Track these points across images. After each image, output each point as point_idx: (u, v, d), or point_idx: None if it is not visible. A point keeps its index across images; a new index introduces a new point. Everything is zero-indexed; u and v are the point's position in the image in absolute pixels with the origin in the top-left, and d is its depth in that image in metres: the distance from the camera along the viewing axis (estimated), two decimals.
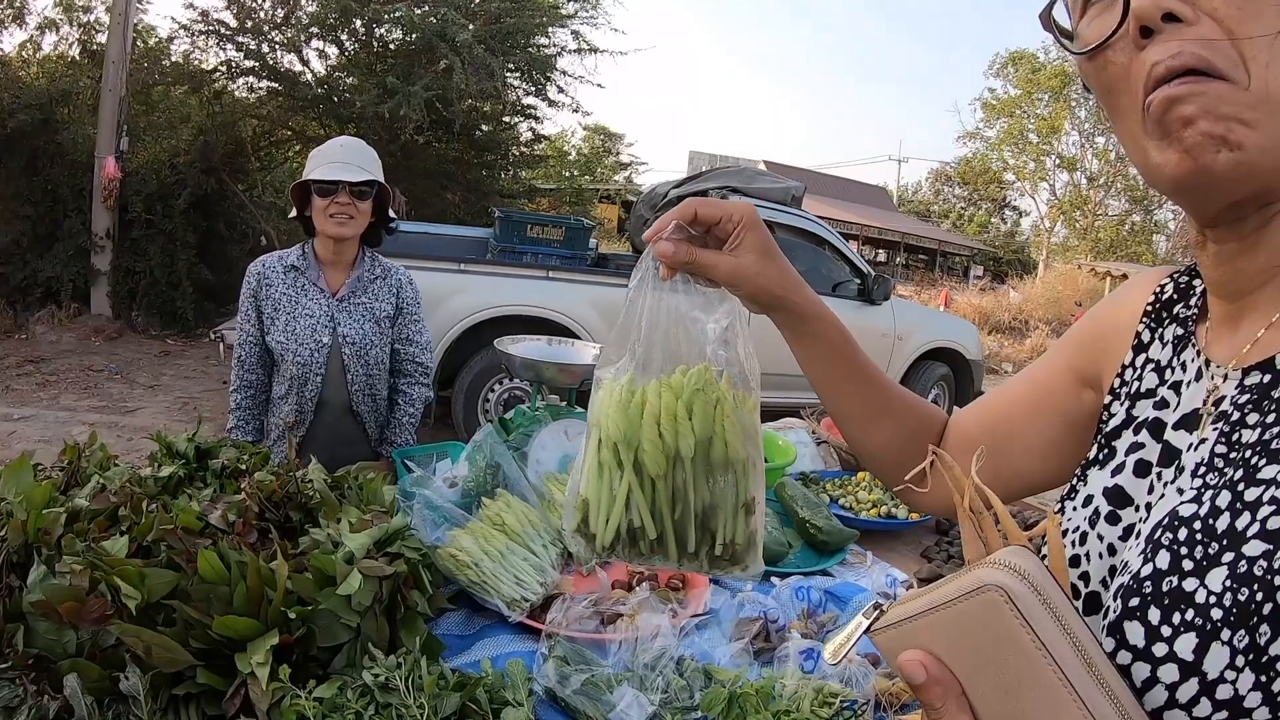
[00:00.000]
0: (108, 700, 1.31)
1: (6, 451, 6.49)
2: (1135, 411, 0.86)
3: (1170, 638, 0.63)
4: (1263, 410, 0.68)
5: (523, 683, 1.49)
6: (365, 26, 12.93)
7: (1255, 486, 0.64)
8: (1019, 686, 0.60)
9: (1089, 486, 0.86)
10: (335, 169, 2.85)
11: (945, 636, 0.63)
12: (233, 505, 1.69)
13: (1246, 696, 0.59)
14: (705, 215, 1.00)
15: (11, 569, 1.46)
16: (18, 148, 11.70)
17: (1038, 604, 0.58)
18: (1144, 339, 0.90)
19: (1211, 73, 0.63)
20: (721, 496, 1.01)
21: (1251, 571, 0.60)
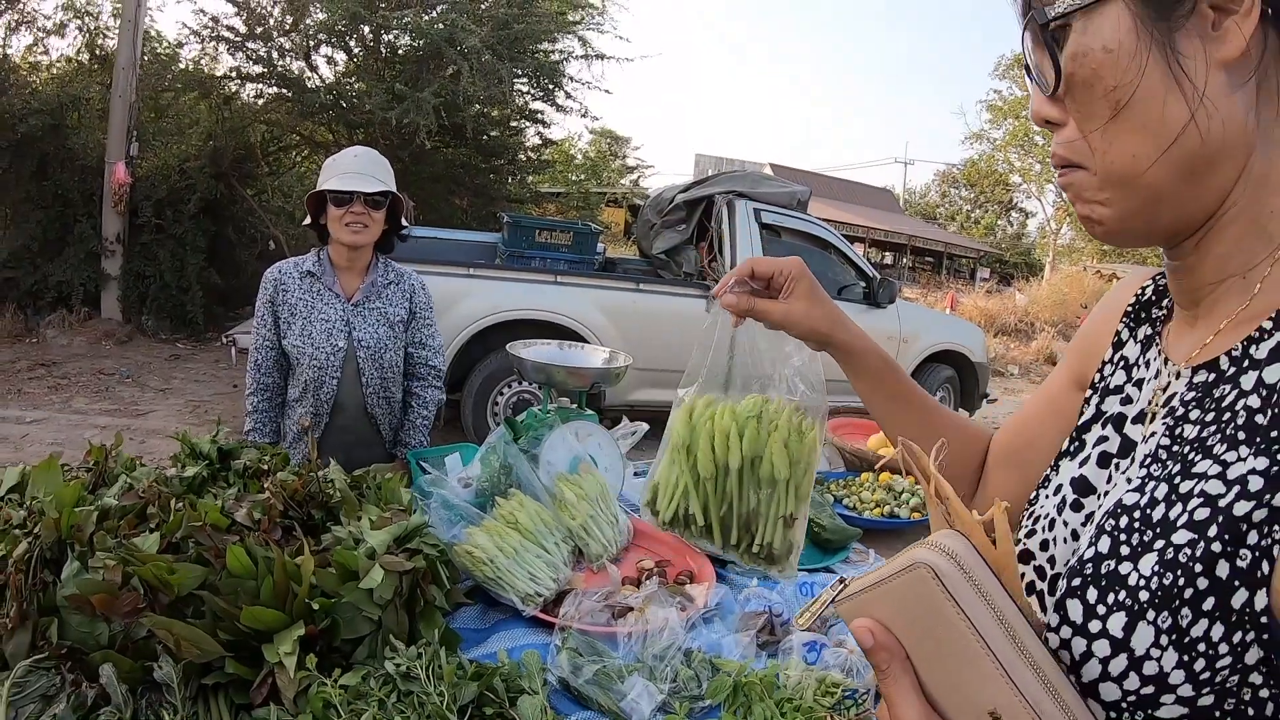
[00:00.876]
0: (140, 689, 1.37)
1: (20, 454, 6.55)
2: (1104, 406, 0.92)
3: (1104, 616, 0.69)
4: (1204, 407, 0.74)
5: (538, 673, 1.55)
6: (374, 32, 12.97)
7: (1189, 480, 0.70)
8: (949, 654, 0.67)
9: (1059, 476, 0.92)
10: (350, 179, 2.91)
11: (889, 607, 0.70)
12: (257, 504, 1.75)
13: (1171, 673, 0.65)
14: (761, 271, 1.21)
15: (45, 565, 1.52)
16: (28, 153, 11.74)
17: (963, 581, 0.65)
18: (1122, 337, 0.96)
19: (1074, 165, 0.77)
20: (765, 506, 1.23)
21: (1177, 559, 0.66)
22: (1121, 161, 0.74)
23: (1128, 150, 0.73)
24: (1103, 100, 0.73)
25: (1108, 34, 0.72)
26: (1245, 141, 0.72)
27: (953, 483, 1.00)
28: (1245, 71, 0.70)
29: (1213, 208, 0.75)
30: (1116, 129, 0.73)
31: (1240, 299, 0.76)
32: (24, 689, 1.30)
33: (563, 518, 2.16)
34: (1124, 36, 0.71)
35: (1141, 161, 0.73)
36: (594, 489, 2.26)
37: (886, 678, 0.70)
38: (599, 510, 2.21)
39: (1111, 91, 0.72)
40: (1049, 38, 0.75)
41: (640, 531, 2.36)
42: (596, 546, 2.14)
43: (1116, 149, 0.73)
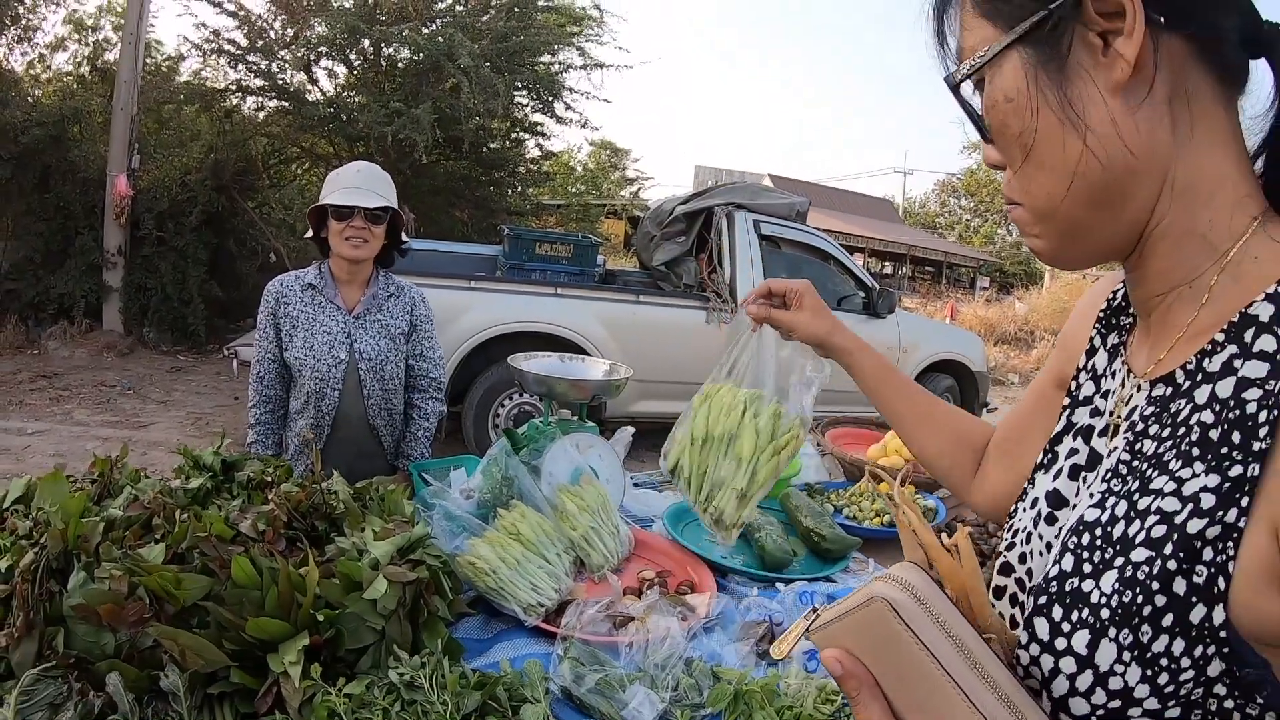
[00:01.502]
0: (146, 699, 1.38)
1: (21, 465, 6.56)
2: (1074, 418, 0.94)
3: (1069, 633, 0.72)
4: (1162, 422, 0.76)
5: (540, 682, 1.56)
6: (374, 46, 13.01)
7: (1147, 496, 0.72)
8: (913, 681, 0.70)
9: (1035, 489, 0.94)
10: (352, 194, 2.93)
11: (854, 638, 0.74)
12: (262, 515, 1.76)
13: (1136, 688, 0.67)
14: (777, 289, 1.54)
15: (51, 575, 1.53)
16: (30, 165, 11.78)
17: (920, 612, 0.70)
18: (1094, 344, 0.97)
19: (1014, 202, 0.84)
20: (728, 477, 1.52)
21: (1136, 576, 0.68)
22: (1040, 198, 0.79)
23: (1043, 188, 0.78)
24: (1015, 145, 0.79)
25: (1008, 84, 0.77)
26: (1158, 156, 0.74)
27: (953, 474, 1.34)
28: (1141, 90, 0.73)
29: (1141, 225, 0.78)
30: (1030, 170, 0.78)
31: (1190, 309, 0.78)
32: (32, 697, 1.31)
33: (564, 528, 2.17)
34: (1019, 84, 0.76)
35: (1055, 198, 0.77)
36: (595, 500, 2.27)
37: (858, 704, 0.73)
38: (600, 521, 2.22)
39: (1018, 136, 0.78)
40: (959, 96, 0.82)
41: (641, 542, 2.37)
42: (598, 557, 2.15)
43: (1035, 187, 0.79)
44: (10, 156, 11.45)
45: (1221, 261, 0.75)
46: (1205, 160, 0.75)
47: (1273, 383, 0.67)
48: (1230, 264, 0.75)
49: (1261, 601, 0.64)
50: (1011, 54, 0.76)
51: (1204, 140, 0.74)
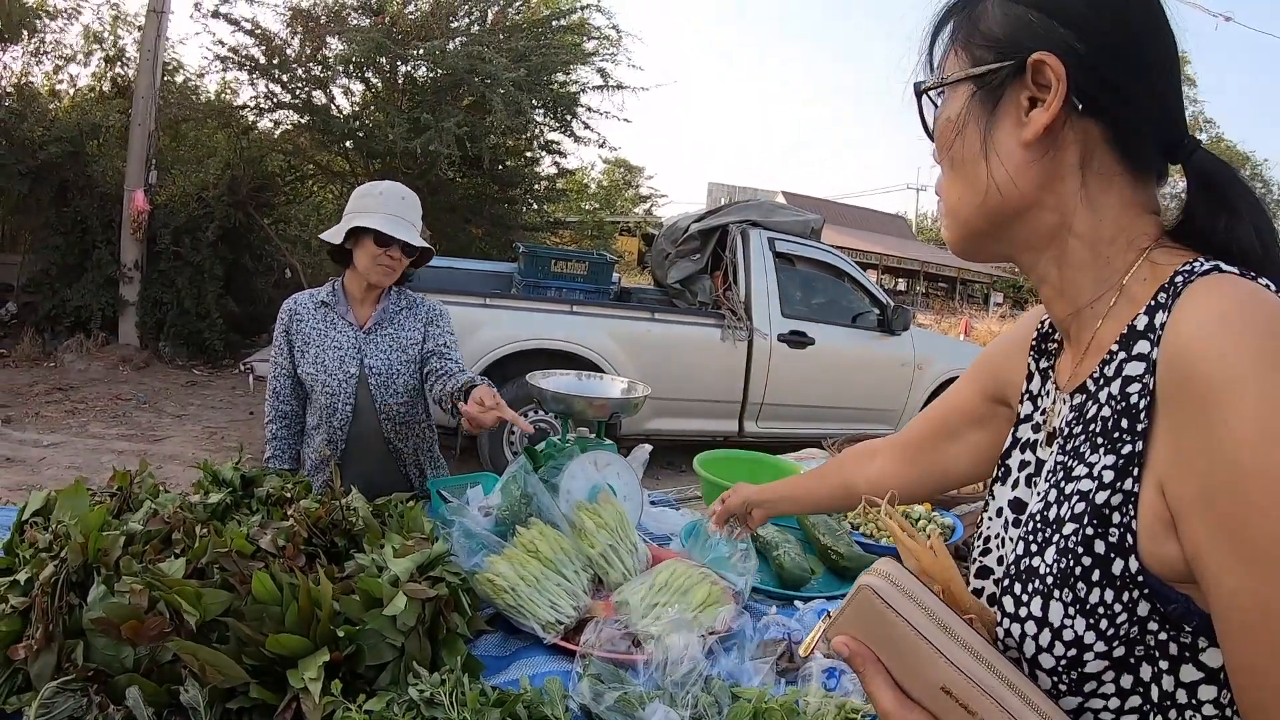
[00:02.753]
0: (165, 713, 1.38)
1: (37, 477, 6.58)
2: (1019, 434, 1.09)
3: (1028, 602, 0.87)
4: (1078, 425, 0.91)
5: (560, 699, 1.55)
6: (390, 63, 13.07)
7: (1070, 483, 0.87)
8: (902, 650, 0.85)
9: (997, 500, 1.09)
10: (398, 225, 2.93)
11: (854, 624, 0.88)
12: (281, 531, 1.76)
13: (1084, 635, 0.82)
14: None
15: (71, 588, 1.54)
16: (48, 179, 11.87)
17: (894, 591, 0.85)
18: (1031, 369, 1.12)
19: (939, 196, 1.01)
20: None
21: (1067, 545, 0.84)
22: (953, 202, 0.98)
23: (955, 195, 0.97)
24: (946, 155, 0.97)
25: (953, 108, 0.95)
26: (1055, 201, 0.92)
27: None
28: (1046, 150, 0.90)
29: (1034, 247, 0.96)
30: (951, 177, 0.97)
31: (1091, 328, 0.94)
32: (51, 710, 1.31)
33: (582, 546, 2.16)
34: (960, 111, 0.94)
35: (963, 205, 0.96)
36: (613, 518, 2.26)
37: (865, 677, 0.87)
38: (618, 539, 2.21)
39: (949, 150, 0.96)
40: (920, 102, 1.00)
41: (658, 559, 2.36)
42: (616, 575, 2.14)
43: (951, 192, 0.98)
44: (28, 170, 11.53)
45: (1118, 287, 0.91)
46: (1106, 213, 0.91)
47: (1147, 377, 0.82)
48: (1125, 288, 0.90)
49: (1161, 547, 0.78)
50: (965, 86, 0.94)
51: (1107, 200, 0.91)
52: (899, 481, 1.50)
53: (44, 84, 14.11)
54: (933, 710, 0.84)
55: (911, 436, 1.50)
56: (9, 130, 11.55)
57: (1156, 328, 0.83)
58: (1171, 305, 0.82)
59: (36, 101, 13.00)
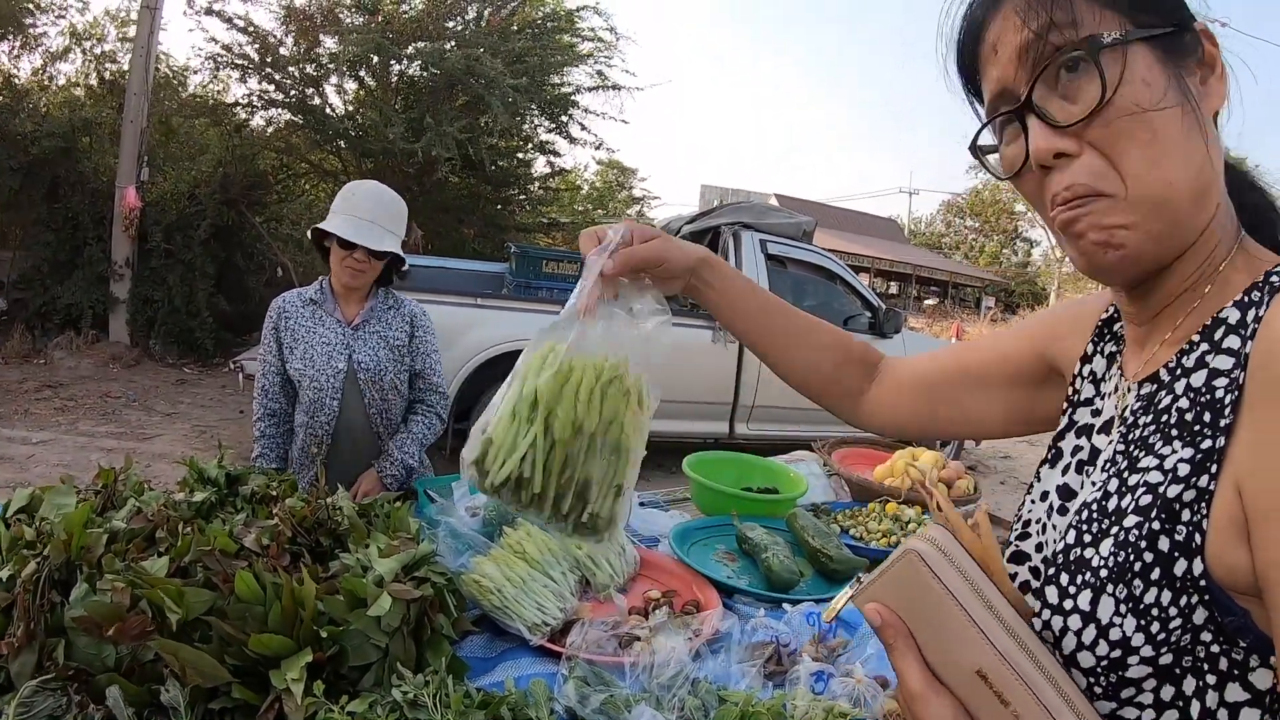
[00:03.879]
0: (146, 712, 1.37)
1: (25, 474, 6.56)
2: (1076, 417, 1.04)
3: (1074, 595, 0.82)
4: (1149, 413, 0.86)
5: (545, 702, 1.54)
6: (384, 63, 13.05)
7: (1135, 474, 0.82)
8: (939, 625, 0.81)
9: (1043, 484, 1.03)
10: (360, 228, 2.96)
11: (891, 592, 0.84)
12: (266, 530, 1.75)
13: (1132, 637, 0.76)
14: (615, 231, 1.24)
15: (53, 585, 1.52)
16: (40, 175, 11.84)
17: (944, 560, 0.81)
18: (1088, 352, 1.07)
19: (1097, 194, 0.81)
20: (602, 474, 1.17)
21: (1128, 539, 0.79)
22: (1157, 185, 0.79)
23: (1163, 175, 0.79)
24: (1140, 124, 0.79)
25: (1142, 68, 0.80)
26: (1218, 183, 0.84)
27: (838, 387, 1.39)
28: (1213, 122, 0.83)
29: (1197, 235, 0.85)
30: (1153, 155, 0.79)
31: (1178, 316, 0.88)
32: (31, 709, 1.30)
33: (569, 548, 2.16)
34: (1155, 73, 0.80)
35: (1175, 186, 0.80)
36: None
37: (894, 651, 0.84)
38: (629, 500, 2.21)
39: (1148, 121, 0.79)
40: (1095, 58, 0.79)
41: (647, 562, 2.36)
42: (603, 576, 2.14)
43: (1153, 174, 0.79)
44: (19, 166, 11.50)
45: (1214, 275, 0.86)
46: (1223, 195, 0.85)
47: (1236, 372, 0.77)
48: (1221, 276, 0.85)
49: (1231, 552, 0.73)
50: (1143, 46, 0.80)
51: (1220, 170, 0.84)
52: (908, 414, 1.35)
53: (32, 80, 14.05)
54: (962, 696, 0.81)
55: (933, 371, 1.34)
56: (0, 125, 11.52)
57: (1249, 323, 0.79)
58: (1268, 301, 0.78)
59: (27, 97, 12.97)
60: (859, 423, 1.41)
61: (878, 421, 1.39)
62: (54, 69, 14.34)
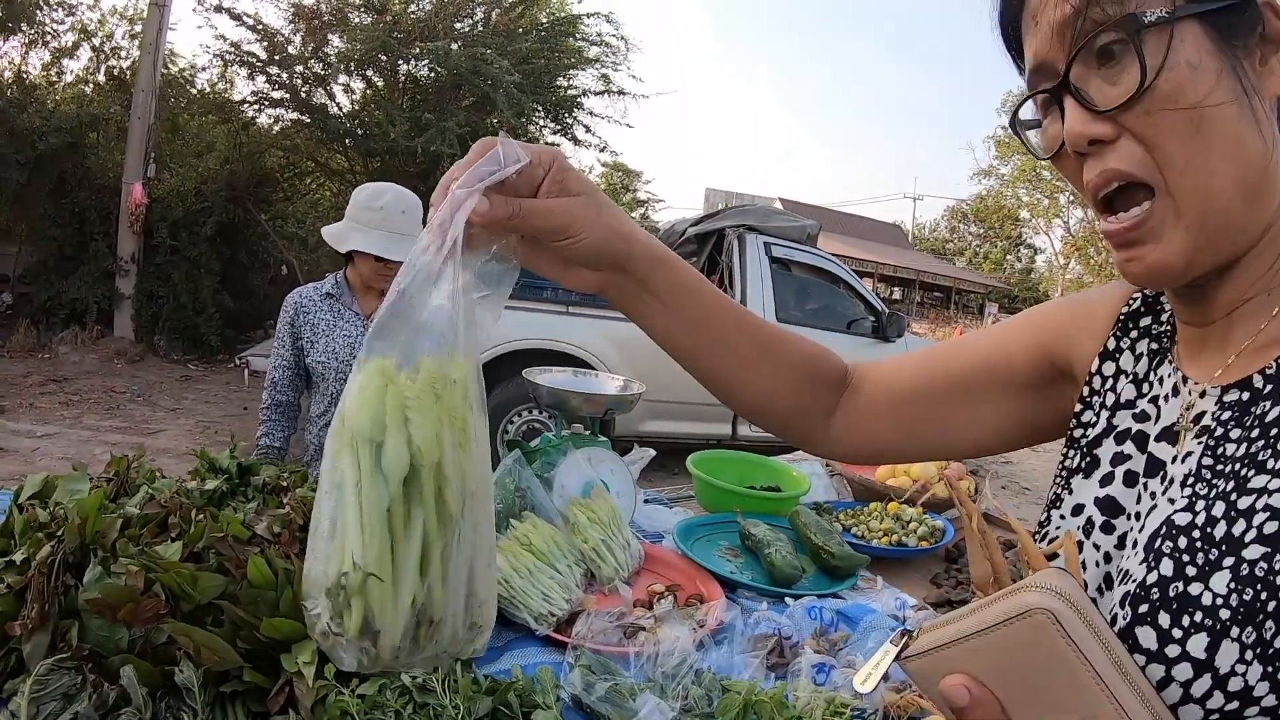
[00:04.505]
0: (159, 694, 1.39)
1: (30, 467, 6.59)
2: (1115, 421, 0.92)
3: (1181, 639, 0.69)
4: (1244, 425, 0.76)
5: (551, 688, 1.56)
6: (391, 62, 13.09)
7: (1247, 496, 0.71)
8: (1058, 699, 0.66)
9: (1076, 496, 0.92)
10: (396, 243, 3.08)
11: (987, 660, 0.68)
12: (278, 518, 1.77)
13: (1255, 686, 0.65)
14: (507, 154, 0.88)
15: (67, 569, 1.55)
16: (47, 170, 11.92)
17: (1080, 623, 0.65)
18: (1110, 347, 0.97)
19: (1134, 182, 0.75)
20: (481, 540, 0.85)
21: (1254, 573, 0.67)
22: (1200, 181, 0.73)
23: (1207, 167, 0.73)
24: (1184, 115, 0.72)
25: (1190, 51, 0.72)
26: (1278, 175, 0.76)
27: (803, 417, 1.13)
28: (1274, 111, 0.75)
29: (1258, 235, 0.78)
30: (1197, 144, 0.73)
31: (1259, 318, 0.80)
32: (46, 686, 1.32)
33: (575, 540, 2.18)
34: (1205, 56, 0.72)
35: (1218, 182, 0.73)
36: (606, 513, 2.28)
37: None
38: (611, 534, 2.23)
39: (1193, 107, 0.72)
40: (1139, 43, 0.72)
41: (651, 556, 2.38)
42: (608, 569, 2.16)
43: (1196, 168, 0.73)
44: (26, 161, 11.58)
45: None
46: None
47: None
48: None
49: None
50: (1193, 24, 0.72)
51: None
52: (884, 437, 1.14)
53: (40, 76, 14.11)
54: None
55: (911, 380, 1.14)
56: (7, 120, 11.58)
57: None
58: None
59: (35, 92, 13.02)
60: (826, 451, 1.20)
61: (848, 447, 1.17)
62: (62, 65, 14.41)
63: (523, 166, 0.86)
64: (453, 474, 0.76)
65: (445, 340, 0.78)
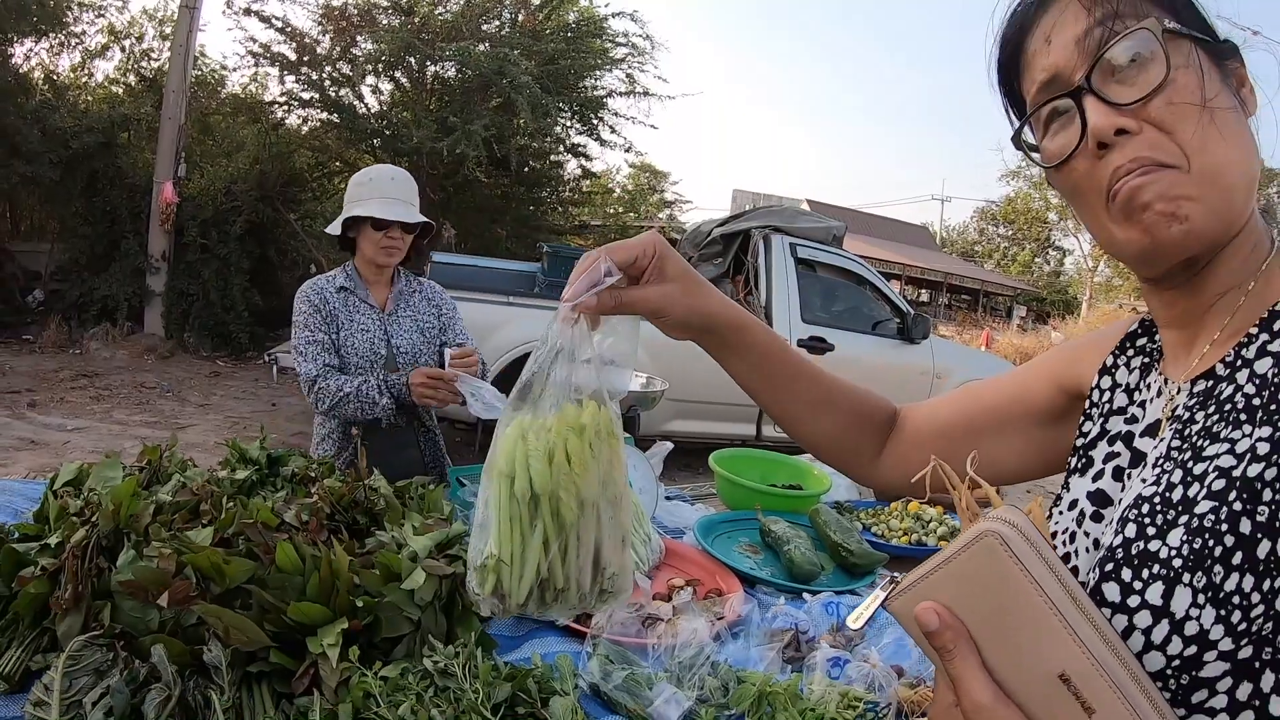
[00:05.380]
0: (188, 672, 1.43)
1: (60, 459, 6.64)
2: (1108, 426, 1.01)
3: (1141, 590, 0.75)
4: (1207, 407, 0.84)
5: (570, 676, 1.59)
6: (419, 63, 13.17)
7: (1201, 462, 0.79)
8: (1015, 624, 0.71)
9: (1072, 493, 0.99)
10: (391, 206, 3.12)
11: (953, 587, 0.73)
12: (305, 506, 1.82)
13: (1211, 629, 0.71)
14: (622, 259, 1.04)
15: (101, 552, 1.59)
16: (79, 169, 12.05)
17: (1026, 545, 0.70)
18: (1108, 364, 1.05)
19: (1161, 164, 0.81)
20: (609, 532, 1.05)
21: (1203, 525, 0.74)
22: (1217, 159, 0.80)
23: (1220, 153, 0.80)
24: (1196, 108, 0.81)
25: (1193, 57, 0.82)
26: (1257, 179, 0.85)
27: (855, 456, 1.28)
28: None
29: (1239, 228, 0.85)
30: (1211, 134, 0.80)
31: (1225, 315, 0.88)
32: (79, 662, 1.36)
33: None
34: (1210, 68, 0.82)
35: (1232, 163, 0.81)
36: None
37: (954, 658, 0.73)
38: (632, 529, 2.26)
39: (1206, 103, 0.81)
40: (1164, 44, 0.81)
41: (672, 551, 2.41)
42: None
43: (1212, 150, 0.80)
44: (59, 160, 11.71)
45: (1257, 273, 0.87)
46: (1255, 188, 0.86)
47: None
48: (1263, 275, 0.86)
49: None
50: (1187, 43, 0.82)
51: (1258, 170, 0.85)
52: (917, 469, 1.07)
53: (70, 77, 14.29)
54: (1033, 706, 0.71)
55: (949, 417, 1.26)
56: (40, 120, 11.73)
57: None
58: None
59: (67, 93, 13.19)
60: (874, 484, 1.31)
61: (894, 480, 1.27)
62: (93, 66, 14.60)
63: (617, 279, 1.03)
64: (566, 495, 1.00)
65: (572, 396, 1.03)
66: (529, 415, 1.02)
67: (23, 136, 11.40)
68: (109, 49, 14.54)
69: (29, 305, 12.46)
